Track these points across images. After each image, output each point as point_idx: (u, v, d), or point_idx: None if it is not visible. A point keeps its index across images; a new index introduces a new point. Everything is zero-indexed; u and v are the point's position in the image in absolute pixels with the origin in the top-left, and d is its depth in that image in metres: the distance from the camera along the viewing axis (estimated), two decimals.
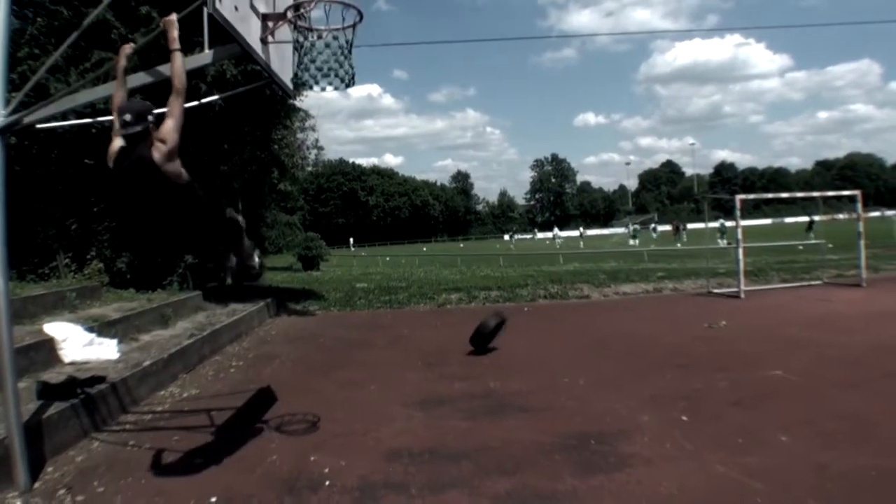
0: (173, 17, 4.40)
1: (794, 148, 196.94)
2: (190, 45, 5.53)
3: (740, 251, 14.13)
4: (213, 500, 4.17)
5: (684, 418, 5.59)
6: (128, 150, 4.15)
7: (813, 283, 15.61)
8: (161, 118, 4.23)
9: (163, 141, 4.12)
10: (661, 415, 5.71)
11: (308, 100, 23.07)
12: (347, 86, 5.16)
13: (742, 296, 13.63)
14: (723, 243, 27.66)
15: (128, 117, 4.08)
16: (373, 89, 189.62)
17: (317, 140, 44.30)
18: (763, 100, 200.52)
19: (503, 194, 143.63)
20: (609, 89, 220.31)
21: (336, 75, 5.09)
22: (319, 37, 5.08)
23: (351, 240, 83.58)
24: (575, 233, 77.86)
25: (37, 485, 4.44)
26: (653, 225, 54.94)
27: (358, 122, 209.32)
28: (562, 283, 16.24)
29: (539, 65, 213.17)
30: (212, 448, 5.25)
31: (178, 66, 4.30)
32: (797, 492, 4.00)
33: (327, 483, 4.41)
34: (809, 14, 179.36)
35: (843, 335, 9.14)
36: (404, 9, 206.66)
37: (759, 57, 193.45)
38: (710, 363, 7.78)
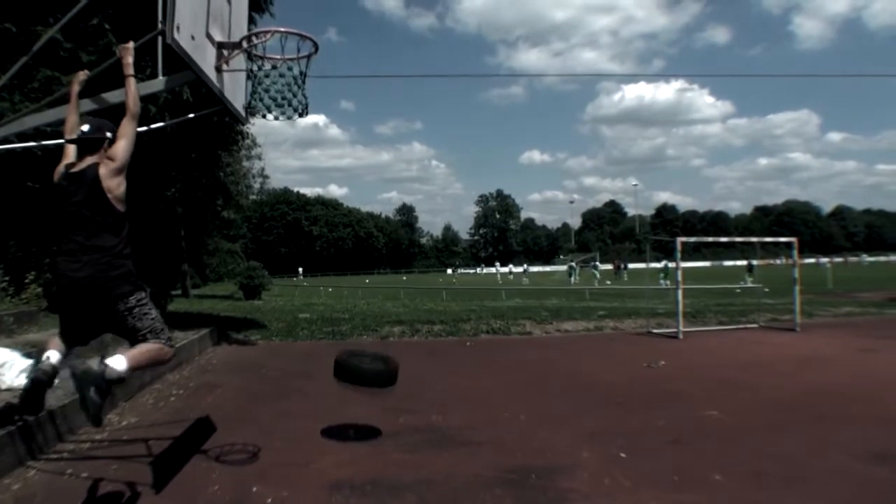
0: (130, 44, 4.44)
1: (734, 192, 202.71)
2: (140, 68, 5.54)
3: (679, 292, 14.44)
4: None
5: (623, 455, 5.71)
6: (76, 162, 4.17)
7: (749, 325, 16.02)
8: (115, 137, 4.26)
9: (112, 158, 4.15)
10: (600, 451, 5.82)
11: (254, 128, 23.06)
12: (300, 115, 5.25)
13: (680, 336, 13.91)
14: (665, 284, 28.21)
15: (86, 128, 4.12)
16: (319, 119, 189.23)
17: (262, 168, 44.12)
18: (705, 144, 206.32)
19: (447, 228, 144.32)
20: (555, 128, 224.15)
21: (290, 104, 5.18)
22: (274, 66, 5.17)
23: (300, 269, 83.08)
24: (519, 269, 78.43)
25: None
26: (594, 263, 55.65)
27: (303, 151, 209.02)
28: (504, 319, 16.39)
29: (486, 101, 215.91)
30: (151, 478, 5.19)
31: (133, 90, 4.35)
32: None
33: None
34: (752, 63, 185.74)
35: (777, 378, 9.42)
36: (353, 40, 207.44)
37: (703, 102, 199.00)
38: (648, 402, 7.94)
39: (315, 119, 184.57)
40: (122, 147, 4.20)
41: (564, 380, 9.59)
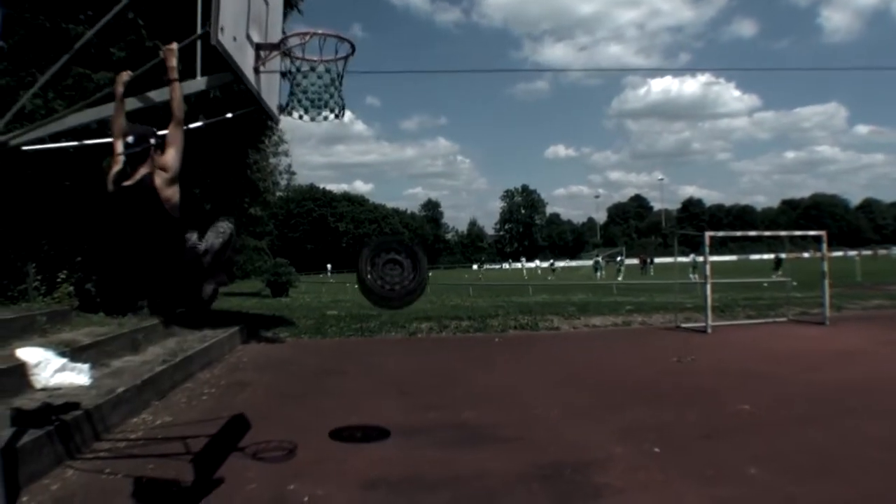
0: (174, 46, 4.44)
1: (760, 186, 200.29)
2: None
3: (708, 287, 14.34)
4: None
5: (656, 450, 5.69)
6: (127, 172, 4.19)
7: (778, 319, 15.85)
8: (162, 142, 4.29)
9: (164, 168, 4.17)
10: (634, 446, 5.81)
11: (281, 125, 23.16)
12: (337, 116, 5.27)
13: (709, 331, 13.80)
14: (694, 278, 28.01)
15: (130, 139, 4.15)
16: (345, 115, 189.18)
17: (289, 165, 44.23)
18: (731, 138, 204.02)
19: (473, 224, 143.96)
20: (581, 123, 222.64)
21: (326, 105, 5.19)
22: (312, 68, 5.19)
23: (329, 266, 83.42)
24: (545, 264, 78.07)
25: None
26: (619, 258, 55.34)
27: (329, 147, 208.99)
28: (532, 315, 16.35)
29: (512, 96, 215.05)
30: (188, 476, 5.25)
31: (178, 94, 4.36)
32: None
33: None
34: (779, 57, 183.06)
35: (808, 372, 9.33)
36: (378, 36, 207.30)
37: (729, 96, 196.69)
38: (679, 397, 7.91)
39: None
40: (172, 156, 4.22)
41: (594, 375, 9.57)
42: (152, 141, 4.17)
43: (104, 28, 5.29)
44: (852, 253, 54.77)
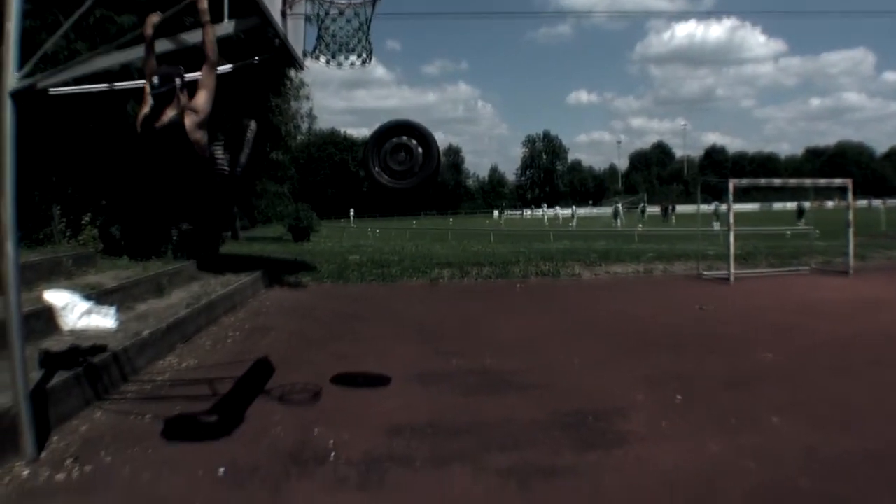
0: None
1: (785, 134, 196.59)
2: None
3: (731, 235, 14.22)
4: (221, 471, 4.24)
5: (678, 398, 5.70)
6: (156, 113, 4.17)
7: (801, 269, 15.70)
8: (190, 83, 4.26)
9: (195, 111, 4.15)
10: (656, 394, 5.82)
11: (303, 70, 23.00)
12: (364, 63, 5.20)
13: (732, 280, 13.73)
14: (717, 226, 27.80)
15: (155, 80, 4.12)
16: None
17: (311, 109, 43.83)
18: (756, 84, 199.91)
19: (494, 170, 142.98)
20: (603, 68, 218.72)
21: (353, 51, 5.13)
22: (340, 11, 5.11)
23: (352, 211, 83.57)
24: (566, 211, 77.57)
25: (43, 454, 4.48)
26: (642, 205, 54.98)
27: (350, 91, 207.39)
28: (553, 262, 16.33)
29: (533, 40, 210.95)
30: (215, 419, 5.33)
31: (210, 37, 4.30)
32: (788, 471, 4.12)
33: (332, 456, 4.49)
34: (807, 1, 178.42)
35: (831, 322, 9.28)
36: None
37: (754, 41, 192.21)
38: (701, 345, 7.91)
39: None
40: (204, 98, 4.20)
41: (616, 323, 9.57)
42: (178, 81, 4.14)
43: None
44: (877, 202, 53.93)
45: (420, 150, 5.38)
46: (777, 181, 18.73)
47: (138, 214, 12.73)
